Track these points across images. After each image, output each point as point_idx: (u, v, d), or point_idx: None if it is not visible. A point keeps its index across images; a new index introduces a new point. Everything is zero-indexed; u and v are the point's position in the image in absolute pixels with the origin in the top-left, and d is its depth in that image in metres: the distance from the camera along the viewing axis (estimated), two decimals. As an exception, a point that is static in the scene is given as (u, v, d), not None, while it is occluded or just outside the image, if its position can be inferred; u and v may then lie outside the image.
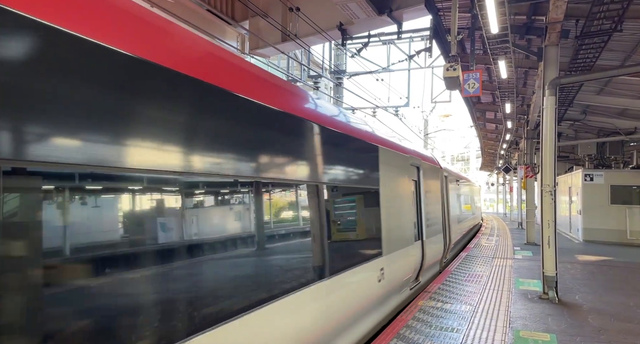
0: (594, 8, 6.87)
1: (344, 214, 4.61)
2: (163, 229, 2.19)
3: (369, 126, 5.96)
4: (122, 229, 1.97)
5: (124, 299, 1.93)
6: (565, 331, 5.36)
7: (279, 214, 3.36)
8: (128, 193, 2.02)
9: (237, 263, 2.79)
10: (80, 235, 1.76)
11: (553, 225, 7.25)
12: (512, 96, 13.14)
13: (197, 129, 2.42)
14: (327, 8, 9.96)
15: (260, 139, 2.99)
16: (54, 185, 1.68)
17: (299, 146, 3.54)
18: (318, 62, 15.49)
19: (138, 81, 2.02)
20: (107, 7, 1.97)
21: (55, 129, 1.65)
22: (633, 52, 9.50)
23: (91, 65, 1.80)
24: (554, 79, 7.25)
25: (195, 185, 2.47)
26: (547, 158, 7.29)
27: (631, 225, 15.80)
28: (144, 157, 2.01)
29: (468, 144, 53.15)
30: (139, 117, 2.01)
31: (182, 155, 2.28)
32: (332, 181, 4.16)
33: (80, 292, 1.74)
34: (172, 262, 2.21)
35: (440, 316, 5.81)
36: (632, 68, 7.49)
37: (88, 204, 1.82)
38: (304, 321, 3.42)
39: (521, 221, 22.09)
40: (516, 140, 21.09)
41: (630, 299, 7.15)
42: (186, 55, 2.43)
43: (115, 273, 1.91)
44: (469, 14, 9.08)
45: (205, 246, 2.51)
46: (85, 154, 1.74)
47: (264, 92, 3.20)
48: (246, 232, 2.90)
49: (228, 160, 2.67)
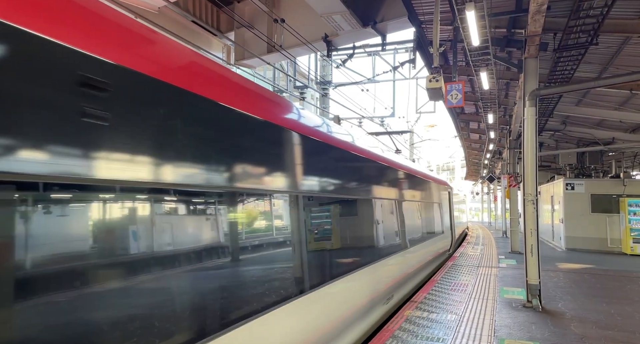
0: (570, 22, 7.08)
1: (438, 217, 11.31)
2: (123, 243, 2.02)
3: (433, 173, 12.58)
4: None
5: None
6: (549, 339, 5.41)
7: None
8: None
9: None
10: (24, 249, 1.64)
11: (536, 234, 7.35)
12: (494, 106, 13.39)
13: (167, 136, 2.27)
14: (312, 20, 10.07)
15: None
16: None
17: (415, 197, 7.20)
18: (304, 73, 15.59)
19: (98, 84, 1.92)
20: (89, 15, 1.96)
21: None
22: (609, 64, 9.80)
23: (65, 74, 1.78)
24: (533, 90, 7.42)
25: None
26: (528, 168, 7.42)
27: (611, 233, 16.11)
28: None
29: (453, 154, 53.86)
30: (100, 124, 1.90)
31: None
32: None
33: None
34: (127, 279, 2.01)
35: (426, 326, 5.81)
36: (608, 80, 7.71)
37: (45, 214, 1.72)
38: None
39: (505, 229, 22.34)
40: (499, 150, 21.44)
41: (612, 306, 7.26)
42: (150, 56, 2.30)
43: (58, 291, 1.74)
44: (450, 27, 9.28)
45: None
46: (50, 165, 1.69)
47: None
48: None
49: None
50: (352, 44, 11.60)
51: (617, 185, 16.30)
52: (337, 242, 4.49)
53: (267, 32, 10.60)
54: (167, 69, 2.38)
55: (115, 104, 1.98)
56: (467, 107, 16.81)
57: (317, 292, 3.85)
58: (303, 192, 3.75)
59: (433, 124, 48.44)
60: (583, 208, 16.49)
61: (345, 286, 4.57)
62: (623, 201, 15.56)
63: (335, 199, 4.64)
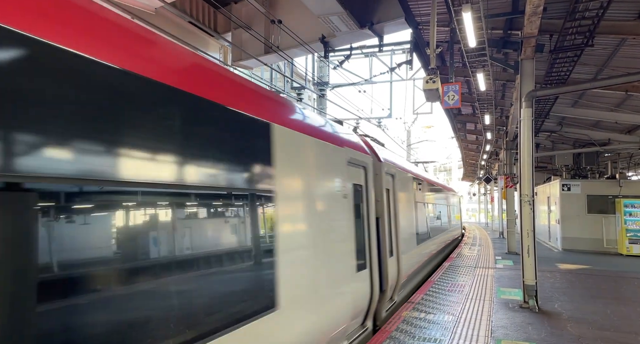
0: (566, 23, 7.11)
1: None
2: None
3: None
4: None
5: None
6: (545, 340, 5.42)
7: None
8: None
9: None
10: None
11: (532, 234, 7.37)
12: (491, 107, 13.43)
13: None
14: (309, 21, 10.08)
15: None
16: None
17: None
18: (301, 73, 15.60)
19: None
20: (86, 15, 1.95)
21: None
22: (605, 66, 9.85)
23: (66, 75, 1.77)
24: (530, 92, 7.45)
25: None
26: (525, 168, 7.44)
27: (607, 234, 16.17)
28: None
29: (450, 155, 54.00)
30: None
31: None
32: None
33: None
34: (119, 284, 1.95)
35: (423, 327, 5.81)
36: (604, 81, 7.77)
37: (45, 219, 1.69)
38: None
39: (502, 230, 22.40)
40: (496, 151, 21.50)
41: (608, 307, 7.28)
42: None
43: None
44: (447, 28, 9.30)
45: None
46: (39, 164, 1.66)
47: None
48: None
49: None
50: (349, 45, 11.61)
51: (613, 186, 16.37)
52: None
53: (264, 33, 10.60)
54: (166, 69, 2.37)
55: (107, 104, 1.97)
56: (463, 109, 16.85)
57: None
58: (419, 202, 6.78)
59: (430, 125, 48.63)
60: (579, 209, 16.55)
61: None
62: (619, 202, 15.62)
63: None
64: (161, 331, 2.14)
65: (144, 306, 2.09)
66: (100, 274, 1.91)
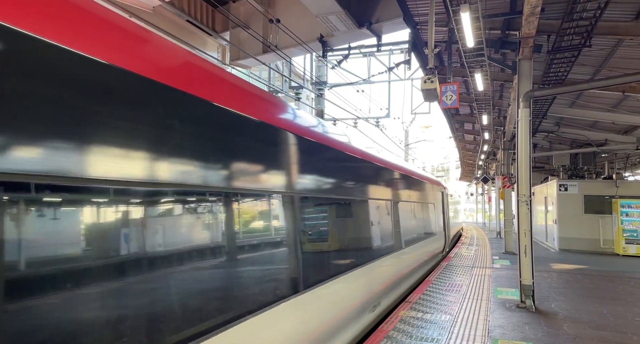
0: (564, 24, 7.13)
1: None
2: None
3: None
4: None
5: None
6: (542, 339, 5.43)
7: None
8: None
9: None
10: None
11: (529, 234, 7.39)
12: (488, 107, 13.46)
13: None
14: (307, 20, 10.07)
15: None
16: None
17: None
18: (299, 73, 15.59)
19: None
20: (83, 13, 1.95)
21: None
22: (602, 66, 9.88)
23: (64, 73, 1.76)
24: (527, 92, 7.46)
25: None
26: (522, 168, 7.46)
27: (604, 234, 16.23)
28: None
29: (447, 155, 54.09)
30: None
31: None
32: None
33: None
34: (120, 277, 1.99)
35: (420, 327, 5.82)
36: (601, 82, 7.78)
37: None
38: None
39: (500, 230, 22.46)
40: (494, 151, 21.56)
41: (604, 307, 7.31)
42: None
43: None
44: (445, 28, 9.31)
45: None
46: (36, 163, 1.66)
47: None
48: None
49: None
50: (347, 44, 11.62)
51: (609, 186, 16.43)
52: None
53: (263, 32, 10.59)
54: (164, 69, 2.36)
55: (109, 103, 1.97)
56: (461, 109, 16.89)
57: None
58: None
59: (428, 125, 48.74)
60: (576, 209, 16.60)
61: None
62: (615, 202, 15.68)
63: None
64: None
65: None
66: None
